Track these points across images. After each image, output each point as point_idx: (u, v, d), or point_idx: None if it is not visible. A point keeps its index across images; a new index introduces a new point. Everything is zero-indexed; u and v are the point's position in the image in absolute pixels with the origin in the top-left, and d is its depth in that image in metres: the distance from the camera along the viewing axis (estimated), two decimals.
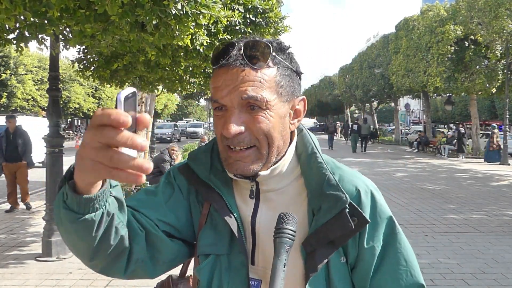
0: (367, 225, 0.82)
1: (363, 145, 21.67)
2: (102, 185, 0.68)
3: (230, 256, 0.87)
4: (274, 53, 0.81)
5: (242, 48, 0.78)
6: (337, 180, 0.83)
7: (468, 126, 27.38)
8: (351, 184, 0.86)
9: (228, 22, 4.42)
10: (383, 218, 0.86)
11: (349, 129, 25.43)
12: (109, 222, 0.73)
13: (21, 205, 7.73)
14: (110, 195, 0.73)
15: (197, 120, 62.05)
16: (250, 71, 0.78)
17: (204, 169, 0.91)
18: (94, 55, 4.91)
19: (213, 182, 0.89)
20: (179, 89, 6.04)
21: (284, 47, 0.85)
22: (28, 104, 25.21)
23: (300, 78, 0.88)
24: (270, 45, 0.80)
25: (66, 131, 32.51)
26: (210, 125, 38.26)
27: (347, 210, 0.79)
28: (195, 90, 6.60)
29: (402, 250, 0.86)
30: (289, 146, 0.88)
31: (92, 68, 5.10)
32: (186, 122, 49.36)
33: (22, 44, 3.41)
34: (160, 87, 6.44)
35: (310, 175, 0.85)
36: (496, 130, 17.82)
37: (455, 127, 22.05)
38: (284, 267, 0.74)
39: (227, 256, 0.88)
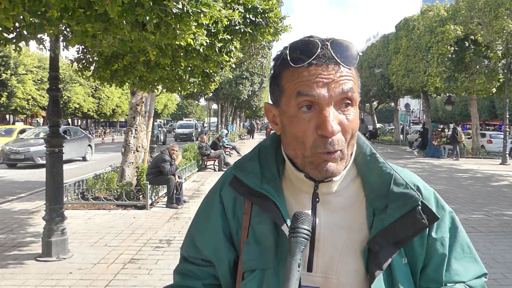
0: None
1: None
2: None
3: (278, 269, 0.83)
4: (360, 53, 0.82)
5: (332, 47, 0.78)
6: (404, 179, 0.83)
7: (468, 125, 27.36)
8: (412, 182, 0.86)
9: (228, 22, 4.41)
10: (446, 212, 0.88)
11: None
12: None
13: (21, 206, 7.74)
14: None
15: (197, 120, 61.84)
16: (344, 68, 0.78)
17: (255, 177, 0.88)
18: (94, 55, 4.91)
19: (266, 190, 0.86)
20: (179, 89, 6.03)
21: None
22: (28, 104, 25.20)
23: None
24: (355, 45, 0.80)
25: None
26: (211, 124, 37.97)
27: (420, 207, 0.80)
28: (195, 90, 6.59)
29: (465, 240, 0.88)
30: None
31: (92, 68, 5.10)
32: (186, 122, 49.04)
33: (21, 44, 3.41)
34: (160, 87, 6.42)
35: (371, 175, 0.85)
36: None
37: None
38: (299, 267, 0.72)
39: (274, 269, 0.84)
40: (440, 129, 20.41)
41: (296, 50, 0.79)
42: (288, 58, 0.79)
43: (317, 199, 0.85)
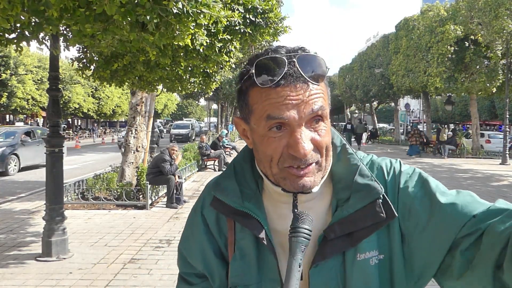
0: (402, 190, 0.81)
1: (358, 143, 24.28)
2: None
3: (261, 284, 0.85)
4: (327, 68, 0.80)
5: (298, 64, 0.75)
6: (369, 171, 0.82)
7: (468, 125, 27.37)
8: (380, 163, 0.86)
9: (228, 23, 4.41)
10: (413, 174, 0.85)
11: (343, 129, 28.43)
12: None
13: (21, 205, 7.74)
14: None
15: (197, 120, 61.67)
16: (314, 86, 0.76)
17: (235, 196, 0.87)
18: (94, 55, 4.91)
19: (248, 208, 0.85)
20: (179, 88, 6.03)
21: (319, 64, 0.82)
22: (28, 104, 25.21)
23: None
24: (323, 59, 0.78)
25: (66, 131, 32.51)
26: (211, 124, 37.84)
27: (380, 200, 0.79)
28: (195, 90, 6.59)
29: (438, 184, 0.85)
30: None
31: (92, 68, 5.10)
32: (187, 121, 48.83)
33: (22, 44, 3.41)
34: (160, 87, 6.43)
35: (339, 166, 0.85)
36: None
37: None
38: (300, 267, 0.72)
39: (257, 285, 0.85)
40: (417, 129, 21.31)
41: (262, 69, 0.75)
42: (254, 78, 0.76)
43: (296, 209, 0.83)
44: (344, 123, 33.24)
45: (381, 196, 0.79)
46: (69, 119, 38.77)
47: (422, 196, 0.81)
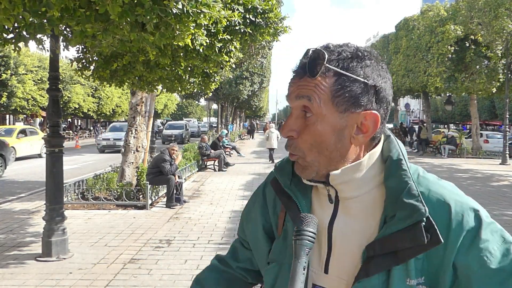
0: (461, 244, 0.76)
1: None
2: None
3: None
4: (328, 64, 0.79)
5: (308, 57, 0.82)
6: (419, 191, 0.78)
7: (468, 125, 27.36)
8: (437, 196, 0.80)
9: (227, 23, 4.41)
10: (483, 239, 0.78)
11: None
12: None
13: (21, 206, 7.74)
14: None
15: (197, 119, 61.54)
16: (307, 78, 0.81)
17: (286, 178, 0.93)
18: (93, 55, 4.91)
19: (292, 191, 0.91)
20: (179, 89, 6.03)
21: (356, 55, 0.81)
22: (28, 104, 25.20)
23: (376, 92, 0.82)
24: (324, 55, 0.79)
25: (66, 131, 32.50)
26: (212, 124, 37.70)
27: (423, 224, 0.75)
28: (195, 90, 6.60)
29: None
30: (363, 154, 0.84)
31: (92, 68, 5.10)
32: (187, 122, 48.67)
33: (20, 44, 3.41)
34: (160, 87, 6.43)
35: (391, 181, 0.82)
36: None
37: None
38: (304, 269, 0.73)
39: (289, 265, 0.86)
40: (397, 128, 22.89)
41: (300, 60, 0.86)
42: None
43: (331, 201, 0.86)
44: None
45: (424, 219, 0.76)
46: (69, 119, 38.76)
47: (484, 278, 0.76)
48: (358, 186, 0.84)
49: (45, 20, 2.94)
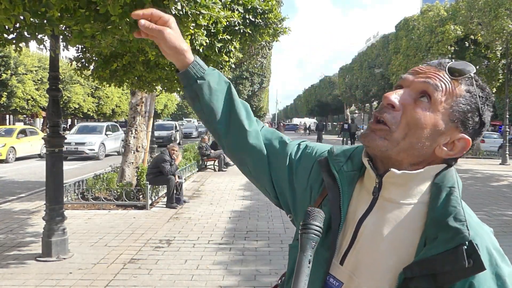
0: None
1: (352, 141, 25.89)
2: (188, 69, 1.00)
3: (319, 249, 0.86)
4: (472, 74, 0.85)
5: (449, 61, 0.86)
6: (465, 218, 0.77)
7: None
8: (473, 230, 0.79)
9: (227, 23, 4.42)
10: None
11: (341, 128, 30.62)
12: (208, 94, 1.01)
13: (21, 206, 7.74)
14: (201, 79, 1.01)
15: (196, 120, 61.33)
16: (445, 74, 0.84)
17: (337, 163, 0.94)
18: (93, 55, 4.91)
19: (340, 175, 0.92)
20: (178, 89, 6.04)
21: (483, 86, 0.86)
22: (28, 104, 25.20)
23: (481, 125, 0.86)
24: (472, 69, 0.85)
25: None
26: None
27: (465, 247, 0.74)
28: None
29: None
30: (428, 166, 0.85)
31: (91, 68, 5.10)
32: (187, 122, 48.46)
33: (21, 44, 3.41)
34: (159, 87, 6.43)
35: (438, 203, 0.81)
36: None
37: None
38: (309, 263, 0.73)
39: (317, 247, 0.88)
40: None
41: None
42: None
43: (375, 193, 0.87)
44: (341, 123, 33.86)
45: (466, 242, 0.74)
46: (69, 119, 38.72)
47: None
48: (403, 193, 0.85)
49: (45, 20, 2.95)
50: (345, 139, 26.56)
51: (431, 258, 0.76)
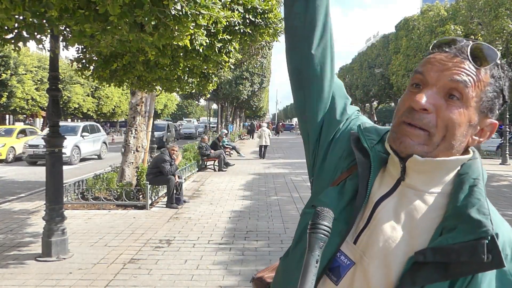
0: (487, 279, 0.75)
1: None
2: None
3: (336, 221, 0.83)
4: (498, 61, 0.81)
5: (470, 45, 0.80)
6: (489, 211, 0.75)
7: None
8: (494, 223, 0.76)
9: (227, 23, 4.41)
10: (506, 285, 0.77)
11: None
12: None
13: (21, 206, 7.74)
14: None
15: (196, 120, 61.28)
16: (469, 64, 0.79)
17: (370, 140, 0.91)
18: (93, 55, 4.91)
19: (372, 152, 0.89)
20: (177, 89, 6.04)
21: (505, 67, 0.83)
22: (28, 104, 25.20)
23: (502, 105, 0.85)
24: (497, 53, 0.81)
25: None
26: (210, 124, 37.50)
27: (487, 241, 0.71)
28: (193, 90, 6.61)
29: None
30: (454, 156, 0.83)
31: (91, 68, 5.10)
32: (187, 122, 48.35)
33: (20, 44, 3.41)
34: (158, 87, 6.43)
35: (461, 195, 0.79)
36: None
37: None
38: (317, 263, 0.73)
39: (333, 220, 0.86)
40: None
41: (442, 40, 0.83)
42: (431, 46, 0.85)
43: (402, 177, 0.84)
44: None
45: (488, 236, 0.72)
46: (69, 119, 38.72)
47: None
48: (427, 181, 0.83)
49: (44, 20, 2.95)
50: None
51: (447, 246, 0.74)
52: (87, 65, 4.99)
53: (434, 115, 0.78)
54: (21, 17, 3.02)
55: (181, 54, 4.50)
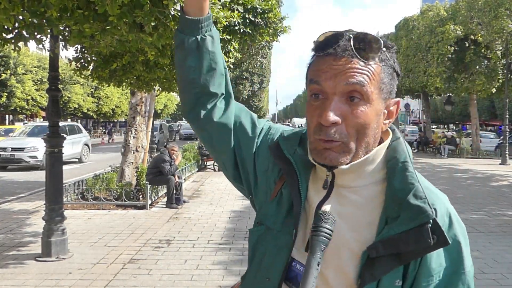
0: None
1: None
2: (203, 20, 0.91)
3: (279, 233, 0.88)
4: (384, 49, 0.81)
5: (352, 40, 0.78)
6: (425, 194, 0.78)
7: (468, 125, 27.39)
8: (430, 201, 0.80)
9: (227, 23, 4.41)
10: (451, 251, 0.81)
11: None
12: (205, 53, 0.93)
13: (21, 206, 7.74)
14: (209, 34, 0.93)
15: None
16: (358, 61, 0.78)
17: (290, 146, 0.92)
18: (92, 55, 4.90)
19: (294, 159, 0.90)
20: (176, 89, 6.04)
21: (389, 45, 0.84)
22: (28, 104, 25.19)
23: (398, 79, 0.87)
24: (380, 40, 0.80)
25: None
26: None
27: (430, 225, 0.75)
28: None
29: (467, 280, 0.82)
30: (377, 146, 0.86)
31: (91, 67, 5.10)
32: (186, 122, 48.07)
33: (20, 44, 3.41)
34: (157, 87, 6.42)
35: (395, 181, 0.82)
36: None
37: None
38: (318, 265, 0.74)
39: (277, 232, 0.89)
40: None
41: (322, 41, 0.81)
42: (313, 47, 0.83)
43: (326, 186, 0.86)
44: None
45: (430, 221, 0.76)
46: (69, 119, 38.68)
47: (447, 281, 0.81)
48: (356, 178, 0.85)
49: (44, 20, 2.94)
50: None
51: (395, 236, 0.77)
52: (86, 65, 4.99)
53: (343, 125, 0.78)
54: (20, 17, 3.01)
55: None
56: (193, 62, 0.94)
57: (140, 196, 7.87)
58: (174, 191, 7.72)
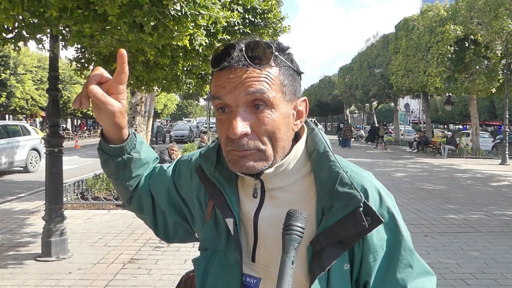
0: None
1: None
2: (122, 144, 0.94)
3: (227, 253, 0.89)
4: (276, 53, 0.81)
5: (244, 49, 0.78)
6: (350, 179, 0.82)
7: (468, 125, 27.41)
8: (359, 183, 0.84)
9: (227, 23, 4.41)
10: (387, 224, 0.84)
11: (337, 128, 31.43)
12: (133, 166, 0.99)
13: (21, 206, 7.74)
14: (134, 151, 0.97)
15: (196, 120, 61.16)
16: (254, 70, 0.78)
17: (210, 165, 0.92)
18: (92, 55, 4.91)
19: (216, 178, 0.90)
20: (175, 89, 6.05)
21: (283, 48, 0.84)
22: (28, 104, 25.20)
23: (300, 79, 0.88)
24: (271, 45, 0.80)
25: (66, 131, 32.48)
26: (196, 125, 37.22)
27: (361, 209, 0.79)
28: (190, 91, 6.62)
29: (406, 258, 0.85)
30: (294, 144, 0.87)
31: (91, 67, 5.10)
32: (186, 122, 48.23)
33: (19, 44, 3.41)
34: (156, 87, 6.43)
35: (321, 173, 0.84)
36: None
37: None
38: (293, 264, 0.74)
39: (224, 253, 0.89)
40: (348, 126, 27.12)
41: (217, 55, 0.81)
42: (210, 62, 0.84)
43: (256, 195, 0.87)
44: (338, 123, 34.49)
45: (361, 204, 0.79)
46: (69, 119, 38.72)
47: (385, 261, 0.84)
48: (284, 178, 0.86)
49: (43, 20, 2.94)
50: (341, 139, 26.94)
51: (333, 226, 0.80)
52: (86, 65, 4.99)
53: (254, 134, 0.79)
54: (20, 17, 3.02)
55: (181, 54, 4.50)
56: (124, 176, 1.00)
57: None
58: None
